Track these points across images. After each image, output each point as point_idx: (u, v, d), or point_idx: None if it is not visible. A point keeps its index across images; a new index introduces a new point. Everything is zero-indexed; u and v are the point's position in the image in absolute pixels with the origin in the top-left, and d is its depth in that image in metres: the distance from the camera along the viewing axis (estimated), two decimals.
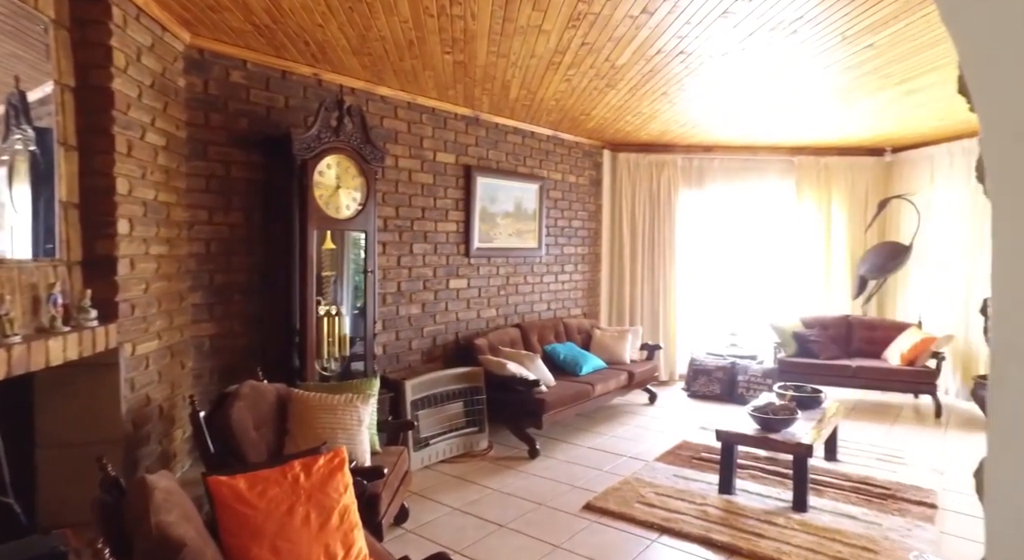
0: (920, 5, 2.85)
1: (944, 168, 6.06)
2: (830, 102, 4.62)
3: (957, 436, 4.87)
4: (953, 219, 5.97)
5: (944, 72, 3.91)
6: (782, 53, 3.49)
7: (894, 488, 3.69)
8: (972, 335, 5.73)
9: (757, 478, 3.83)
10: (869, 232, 6.65)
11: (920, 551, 1.85)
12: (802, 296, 6.81)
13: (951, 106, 4.83)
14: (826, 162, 6.68)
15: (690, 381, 6.33)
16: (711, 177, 6.80)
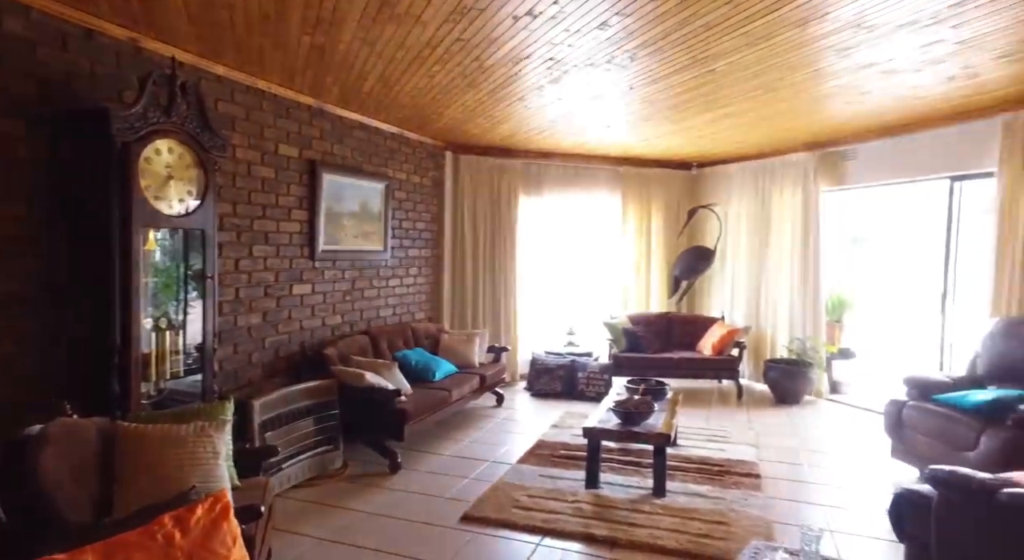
0: (758, 41, 3.26)
1: (738, 183, 7.05)
2: (665, 117, 5.09)
3: (757, 413, 5.68)
4: (745, 227, 6.97)
5: (754, 102, 4.53)
6: (641, 69, 3.74)
7: (726, 465, 4.17)
8: (762, 325, 6.74)
9: (616, 470, 4.05)
10: (681, 237, 7.50)
11: (807, 526, 2.08)
12: (629, 295, 7.45)
13: (748, 132, 5.64)
14: (646, 173, 7.37)
15: (533, 380, 6.53)
16: (549, 183, 7.10)
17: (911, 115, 4.93)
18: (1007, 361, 4.01)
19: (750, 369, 6.81)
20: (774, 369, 6.18)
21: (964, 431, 3.59)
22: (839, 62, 3.64)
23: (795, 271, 6.40)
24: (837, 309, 6.82)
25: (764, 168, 6.70)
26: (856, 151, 5.95)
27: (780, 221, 6.59)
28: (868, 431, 5.03)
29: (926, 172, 5.43)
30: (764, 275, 6.76)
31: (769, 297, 6.70)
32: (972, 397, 3.75)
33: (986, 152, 4.74)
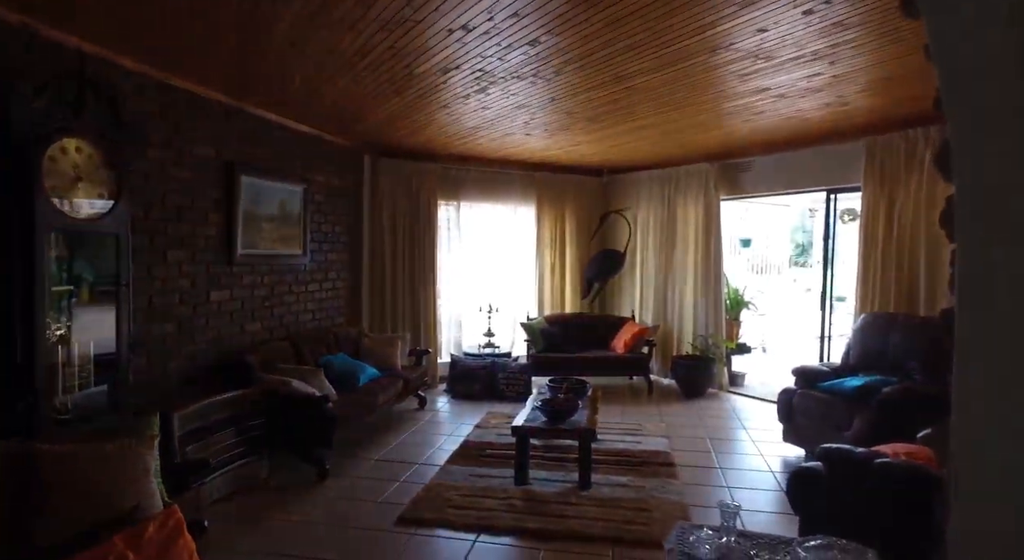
0: (673, 63, 3.55)
1: (647, 190, 7.50)
2: (583, 128, 5.36)
3: (666, 407, 6.10)
4: (653, 231, 7.43)
5: (664, 117, 4.89)
6: (565, 82, 3.95)
7: (643, 456, 4.48)
8: (669, 324, 7.22)
9: (542, 466, 4.23)
10: (593, 241, 7.86)
11: (725, 502, 2.33)
12: (545, 297, 7.71)
13: (657, 144, 6.05)
14: (560, 179, 7.67)
15: (453, 382, 6.61)
16: (467, 187, 7.21)
17: (797, 134, 5.51)
18: (872, 351, 4.60)
19: (659, 365, 7.26)
20: (680, 365, 6.64)
21: (841, 413, 4.09)
22: (740, 85, 4.04)
23: (698, 273, 6.91)
24: (735, 307, 7.43)
25: (670, 176, 7.18)
26: (751, 163, 6.54)
27: (685, 226, 7.09)
28: (764, 418, 5.55)
29: (808, 184, 6.08)
30: (671, 276, 7.24)
31: (675, 297, 7.19)
32: (846, 383, 4.28)
33: (854, 169, 5.39)
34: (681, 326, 7.11)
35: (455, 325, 7.32)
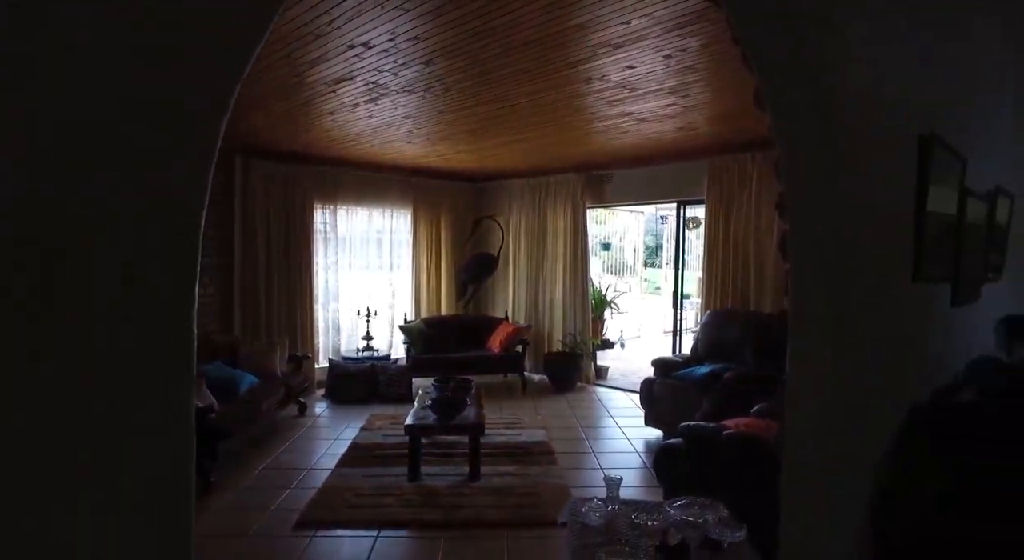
0: (555, 88, 3.93)
1: (519, 197, 7.94)
2: (464, 138, 5.61)
3: (541, 401, 6.55)
4: (525, 236, 7.89)
5: (540, 131, 5.30)
6: (454, 98, 4.17)
7: (525, 447, 4.84)
8: (541, 323, 7.71)
9: (432, 462, 4.41)
10: (468, 245, 8.15)
11: (609, 475, 2.71)
12: (423, 299, 7.86)
13: (531, 155, 6.48)
14: (436, 184, 7.87)
15: (333, 387, 6.54)
16: (344, 190, 7.14)
17: (653, 152, 6.21)
18: (716, 342, 5.38)
19: (532, 362, 7.72)
20: (552, 361, 7.15)
21: (693, 397, 4.75)
22: (608, 110, 4.53)
23: (567, 275, 7.47)
24: (599, 306, 8.11)
25: (541, 185, 7.68)
26: (613, 175, 7.21)
27: (554, 231, 7.62)
28: (627, 406, 6.19)
29: (662, 196, 6.88)
30: (542, 279, 7.74)
31: (546, 298, 7.70)
32: (696, 371, 4.98)
33: (699, 184, 6.20)
34: (551, 325, 7.63)
35: (333, 329, 7.22)
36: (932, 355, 2.16)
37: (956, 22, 2.26)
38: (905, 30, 1.80)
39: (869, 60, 1.52)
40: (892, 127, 1.69)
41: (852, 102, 1.43)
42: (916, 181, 1.82)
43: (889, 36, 1.68)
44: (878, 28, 1.60)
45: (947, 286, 2.26)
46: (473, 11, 2.76)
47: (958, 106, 2.28)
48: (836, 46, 1.34)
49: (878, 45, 1.60)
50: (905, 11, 1.80)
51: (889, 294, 1.75)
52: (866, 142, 1.53)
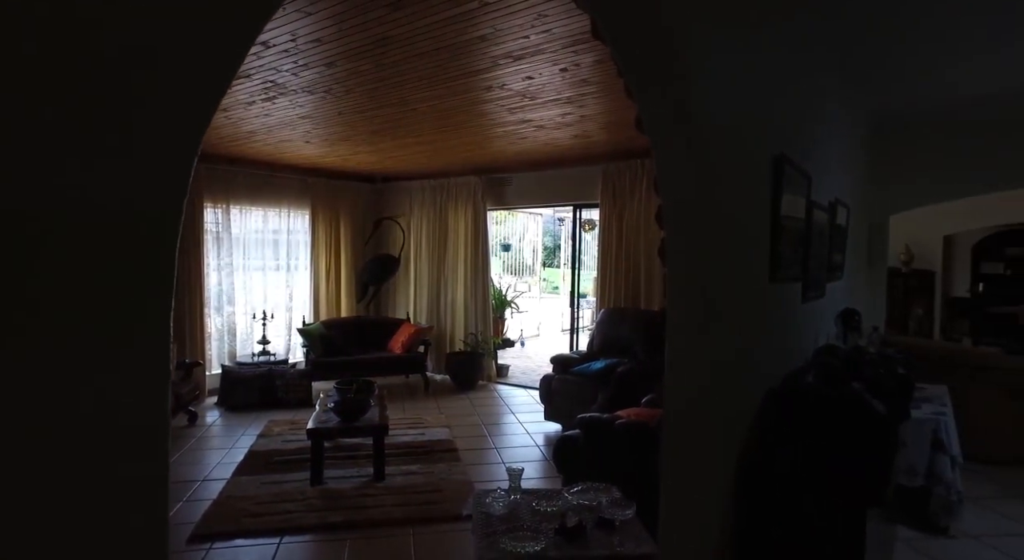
0: (456, 94, 4.03)
1: (419, 198, 7.97)
2: (364, 140, 5.57)
3: (443, 400, 6.63)
4: (426, 237, 7.93)
5: (441, 135, 5.39)
6: (355, 100, 4.16)
7: (429, 445, 4.91)
8: (442, 323, 7.78)
9: (335, 465, 4.37)
10: (368, 246, 8.06)
11: (511, 466, 2.85)
12: (322, 301, 7.67)
13: (432, 157, 6.54)
14: (335, 184, 7.72)
15: (226, 394, 6.25)
16: (237, 189, 6.83)
17: (551, 157, 6.48)
18: (610, 339, 5.73)
19: (434, 362, 7.78)
20: (454, 361, 7.25)
21: (589, 390, 5.04)
22: (508, 116, 4.71)
23: (468, 275, 7.60)
24: (500, 306, 8.32)
25: (442, 186, 7.75)
26: (512, 179, 7.43)
27: (456, 232, 7.72)
28: (528, 402, 6.42)
29: (559, 199, 7.18)
30: (443, 279, 7.82)
31: (448, 298, 7.78)
32: (592, 366, 5.28)
33: (595, 188, 6.56)
34: (453, 325, 7.73)
35: (228, 334, 6.88)
36: (788, 345, 2.50)
37: (801, 71, 2.64)
38: (761, 74, 2.09)
39: (731, 95, 1.76)
40: (751, 150, 1.97)
41: (717, 129, 1.67)
42: (771, 195, 2.12)
43: (747, 78, 1.96)
44: (738, 70, 1.86)
45: (798, 285, 2.63)
46: (376, 19, 2.80)
47: (803, 134, 2.65)
48: (703, 83, 1.56)
49: (739, 84, 1.86)
50: (761, 60, 2.09)
51: (751, 293, 2.02)
52: (729, 162, 1.77)
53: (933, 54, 3.51)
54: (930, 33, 3.19)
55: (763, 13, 2.06)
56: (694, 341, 1.59)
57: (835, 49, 3.27)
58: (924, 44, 3.34)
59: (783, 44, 2.34)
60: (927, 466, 3.41)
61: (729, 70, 1.74)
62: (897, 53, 3.50)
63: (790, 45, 2.43)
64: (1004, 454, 4.61)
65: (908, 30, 3.15)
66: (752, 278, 2.03)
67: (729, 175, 1.77)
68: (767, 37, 2.15)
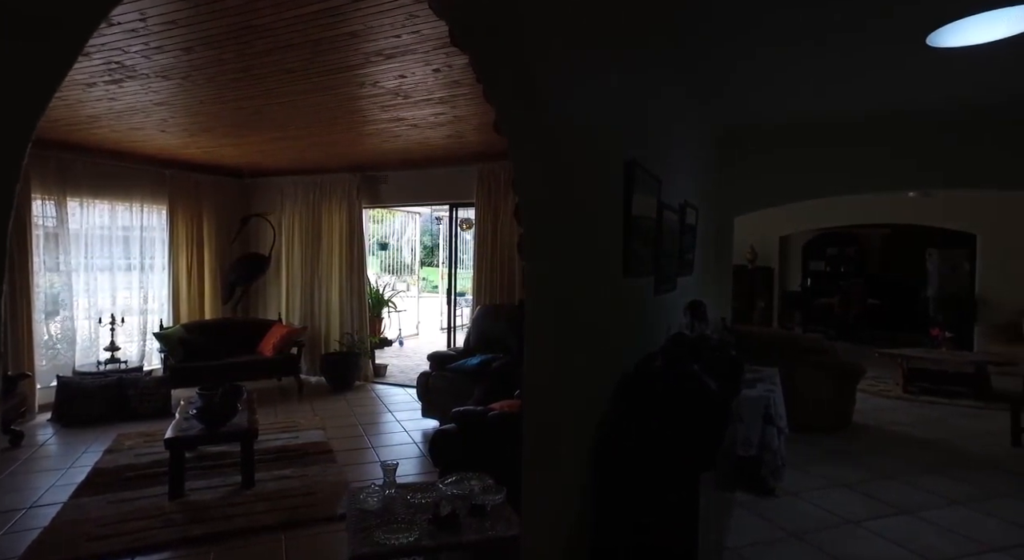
0: (326, 90, 3.94)
1: (291, 194, 7.63)
2: (228, 132, 5.26)
3: (318, 402, 6.43)
4: (299, 235, 7.62)
5: (313, 130, 5.22)
6: (217, 89, 3.92)
7: (302, 448, 4.75)
8: (317, 324, 7.52)
9: (197, 476, 4.10)
10: (235, 244, 7.59)
11: (385, 462, 2.86)
12: (182, 303, 7.11)
13: (304, 152, 6.31)
14: (197, 178, 7.18)
15: (64, 408, 5.60)
16: (76, 180, 6.13)
17: (427, 156, 6.50)
18: (487, 334, 5.88)
19: (308, 364, 7.50)
20: (329, 361, 7.04)
21: (466, 386, 5.15)
22: (382, 114, 4.68)
23: (343, 274, 7.41)
24: (377, 306, 8.19)
25: (316, 183, 7.48)
26: (388, 177, 7.35)
27: (330, 230, 7.49)
28: (407, 401, 6.40)
29: (436, 198, 7.22)
30: (317, 278, 7.56)
31: (322, 298, 7.54)
32: (469, 362, 5.39)
33: (471, 187, 6.68)
34: (328, 325, 7.50)
35: (65, 341, 6.15)
36: (642, 333, 2.75)
37: (652, 86, 2.92)
38: (615, 87, 2.30)
39: (586, 104, 1.93)
40: (605, 154, 2.15)
41: (572, 134, 1.82)
42: (623, 196, 2.33)
43: (601, 89, 2.14)
44: (593, 83, 2.04)
45: (651, 279, 2.90)
46: (236, 6, 2.69)
47: (654, 142, 2.93)
48: (557, 91, 1.70)
49: (593, 94, 2.03)
50: (615, 75, 2.30)
51: (606, 287, 2.21)
52: (584, 165, 1.94)
53: (760, 81, 4.00)
54: (756, 64, 3.63)
55: (615, 36, 2.27)
56: (550, 331, 1.72)
57: (682, 70, 3.62)
58: (752, 73, 3.79)
59: (635, 62, 2.57)
60: (760, 437, 3.89)
61: (584, 81, 1.90)
62: (732, 78, 3.94)
63: (641, 63, 2.67)
64: (822, 423, 5.35)
65: (739, 60, 3.57)
66: (607, 272, 2.22)
67: (584, 177, 1.94)
68: (620, 54, 2.36)
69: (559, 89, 1.71)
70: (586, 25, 1.90)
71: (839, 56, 3.52)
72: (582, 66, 1.89)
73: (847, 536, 3.33)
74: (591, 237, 2.03)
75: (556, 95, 1.68)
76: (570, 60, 1.80)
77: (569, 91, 1.79)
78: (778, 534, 3.34)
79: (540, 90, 1.56)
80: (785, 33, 3.18)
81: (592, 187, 2.02)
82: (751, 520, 3.51)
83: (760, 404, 3.92)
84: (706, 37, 3.21)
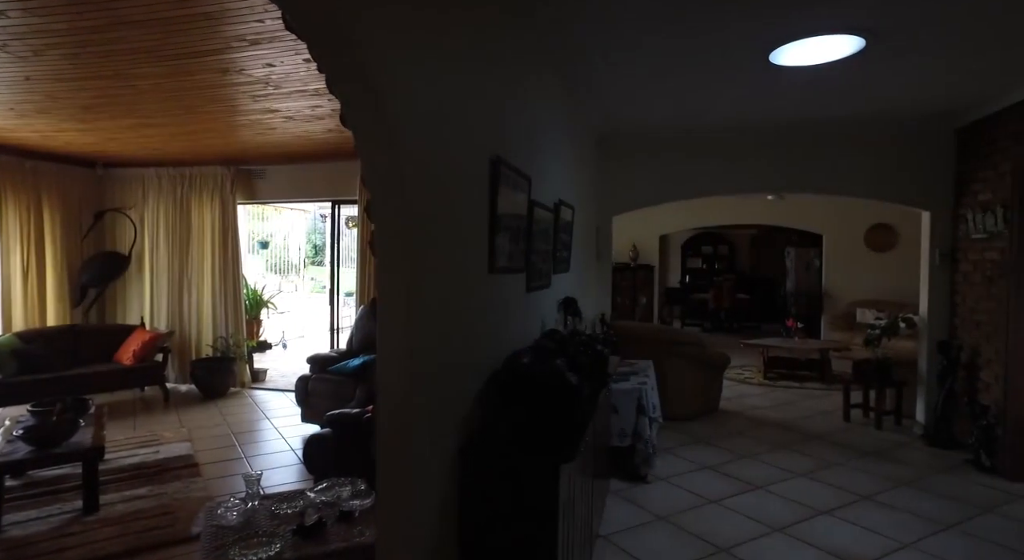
0: (183, 74, 3.64)
1: (156, 188, 7.00)
2: (72, 115, 4.73)
3: (187, 412, 5.95)
4: (165, 231, 7.01)
5: (175, 118, 4.81)
6: (47, 66, 3.50)
7: (163, 464, 4.37)
8: (186, 328, 6.96)
9: (23, 507, 3.60)
10: (87, 242, 6.84)
11: (247, 473, 2.67)
12: (16, 309, 6.29)
13: (168, 142, 5.81)
14: (38, 167, 6.39)
15: None
16: None
17: (306, 150, 6.21)
18: (370, 335, 5.71)
19: (176, 371, 6.93)
20: (200, 367, 6.54)
21: (347, 388, 4.98)
22: (252, 104, 4.40)
23: (216, 274, 6.92)
24: (255, 307, 7.72)
25: (184, 176, 6.92)
26: (265, 171, 6.95)
27: (201, 227, 6.96)
28: (286, 406, 6.08)
29: (318, 194, 6.92)
30: (187, 279, 6.99)
31: (193, 300, 6.99)
32: (350, 364, 5.21)
33: (354, 184, 6.47)
34: (200, 329, 6.98)
35: None
36: (512, 330, 2.78)
37: (518, 85, 2.96)
38: (478, 85, 2.30)
39: (444, 102, 1.91)
40: (466, 150, 2.14)
41: (425, 127, 1.79)
42: (488, 193, 2.34)
43: (460, 84, 2.13)
44: (450, 78, 2.02)
45: (522, 276, 2.93)
46: None
47: (525, 142, 2.97)
48: (408, 88, 1.66)
49: (452, 89, 2.02)
50: (478, 75, 2.30)
51: (469, 283, 2.20)
52: (441, 160, 1.91)
53: (628, 89, 4.18)
54: (622, 73, 3.79)
55: (474, 27, 2.26)
56: (400, 330, 1.68)
57: (556, 73, 3.70)
58: (619, 81, 3.95)
59: (501, 60, 2.59)
60: (633, 428, 4.08)
61: (438, 75, 1.88)
62: (602, 85, 4.09)
63: (507, 61, 2.69)
64: (692, 411, 5.72)
65: (604, 69, 3.71)
66: (470, 270, 2.22)
67: (440, 172, 1.91)
68: (484, 51, 2.36)
69: (407, 81, 1.67)
70: (436, 15, 1.88)
71: (694, 69, 3.75)
72: (434, 57, 1.86)
73: (709, 515, 3.57)
74: (451, 234, 2.01)
75: (404, 88, 1.64)
76: (421, 50, 1.77)
77: (421, 84, 1.76)
78: (647, 518, 3.52)
79: (384, 81, 1.52)
80: (645, 48, 3.33)
81: (451, 183, 2.01)
82: (624, 507, 3.67)
83: (633, 396, 4.12)
84: (570, 42, 3.31)
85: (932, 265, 5.10)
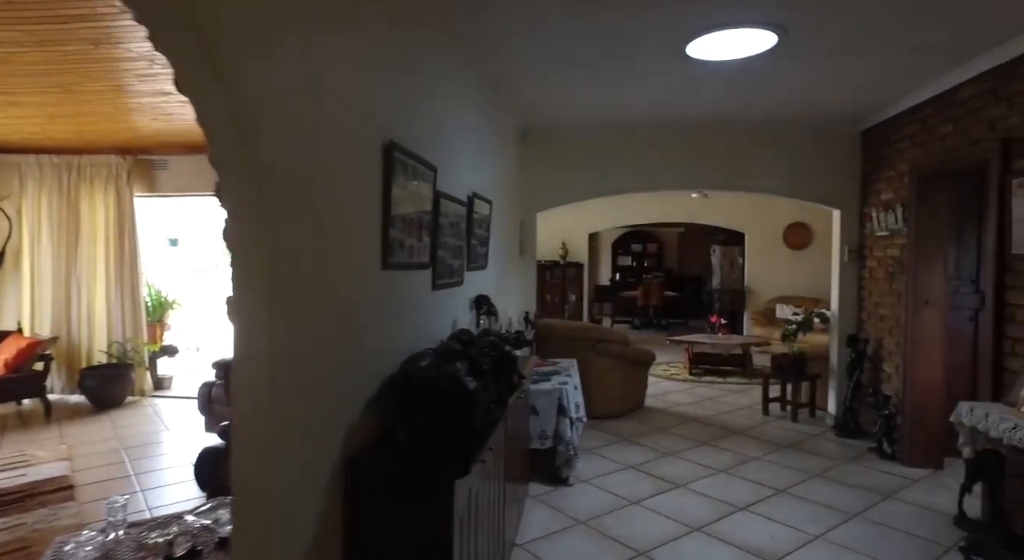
0: (49, 44, 3.21)
1: (37, 177, 6.33)
2: None
3: (71, 426, 5.39)
4: (49, 226, 6.34)
5: (50, 97, 4.31)
6: None
7: (29, 488, 3.88)
8: (75, 333, 6.33)
9: None
10: None
11: (111, 499, 2.34)
12: None
13: (48, 126, 5.24)
14: None
15: None
16: None
17: None
18: None
19: (62, 381, 6.29)
20: (91, 376, 5.96)
21: None
22: (140, 85, 3.99)
23: (111, 274, 6.33)
24: (159, 309, 7.14)
25: (72, 165, 6.28)
26: (167, 162, 6.41)
27: (93, 222, 6.35)
28: (190, 416, 5.62)
29: None
30: (75, 279, 6.36)
31: (82, 302, 6.36)
32: None
33: None
34: (91, 334, 6.37)
35: None
36: (413, 330, 2.57)
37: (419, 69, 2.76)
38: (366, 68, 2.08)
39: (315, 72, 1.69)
40: (347, 134, 1.91)
41: (290, 104, 1.56)
42: (381, 182, 2.13)
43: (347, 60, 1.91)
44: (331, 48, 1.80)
45: (427, 272, 2.73)
46: None
47: (431, 130, 2.76)
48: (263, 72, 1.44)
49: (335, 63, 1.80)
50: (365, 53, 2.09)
51: (355, 280, 1.98)
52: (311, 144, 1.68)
53: (548, 82, 4.05)
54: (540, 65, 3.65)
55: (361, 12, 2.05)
56: (262, 330, 1.46)
57: (468, 58, 3.51)
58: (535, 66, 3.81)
59: (397, 40, 2.38)
60: (554, 429, 3.96)
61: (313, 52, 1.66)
62: (519, 76, 3.93)
63: (407, 42, 2.49)
64: (617, 409, 5.68)
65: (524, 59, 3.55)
66: (358, 264, 2.00)
67: (316, 158, 1.69)
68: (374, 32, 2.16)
69: (266, 48, 1.45)
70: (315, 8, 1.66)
71: (611, 60, 3.65)
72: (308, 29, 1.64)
73: (630, 516, 3.48)
74: (332, 224, 1.79)
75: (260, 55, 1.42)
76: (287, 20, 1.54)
77: (287, 54, 1.54)
78: (567, 523, 3.39)
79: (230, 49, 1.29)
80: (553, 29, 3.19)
81: (331, 169, 1.78)
82: (543, 512, 3.53)
83: (554, 397, 3.99)
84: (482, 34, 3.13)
85: (842, 262, 5.26)
